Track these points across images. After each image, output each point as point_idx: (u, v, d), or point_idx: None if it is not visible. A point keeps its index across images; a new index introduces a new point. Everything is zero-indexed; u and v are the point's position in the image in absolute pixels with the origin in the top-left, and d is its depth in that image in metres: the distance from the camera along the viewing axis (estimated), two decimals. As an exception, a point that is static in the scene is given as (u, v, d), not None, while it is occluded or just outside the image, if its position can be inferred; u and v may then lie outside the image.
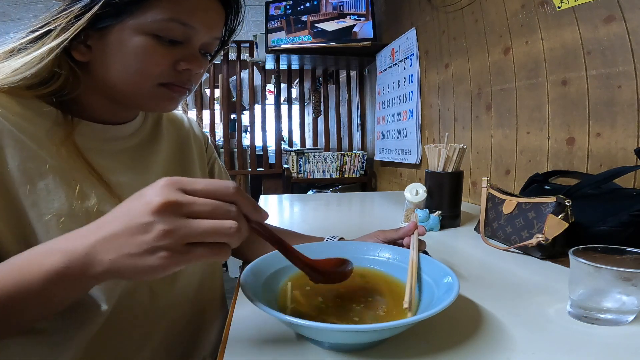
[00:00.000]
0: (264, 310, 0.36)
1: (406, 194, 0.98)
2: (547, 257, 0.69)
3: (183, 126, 0.68)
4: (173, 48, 0.48)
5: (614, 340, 0.41)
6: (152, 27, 0.45)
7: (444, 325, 0.44)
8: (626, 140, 0.83)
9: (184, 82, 0.51)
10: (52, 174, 0.44)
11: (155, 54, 0.46)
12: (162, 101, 0.51)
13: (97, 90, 0.50)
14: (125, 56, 0.46)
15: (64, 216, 0.43)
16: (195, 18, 0.47)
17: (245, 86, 3.00)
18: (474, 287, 0.56)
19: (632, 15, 0.79)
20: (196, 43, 0.50)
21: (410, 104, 1.86)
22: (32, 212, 0.42)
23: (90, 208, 0.45)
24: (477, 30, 1.34)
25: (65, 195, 0.44)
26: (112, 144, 0.53)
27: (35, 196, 0.43)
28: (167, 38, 0.47)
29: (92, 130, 0.51)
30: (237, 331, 0.44)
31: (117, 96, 0.50)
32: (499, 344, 0.40)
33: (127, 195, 0.50)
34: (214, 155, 0.74)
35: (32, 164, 0.43)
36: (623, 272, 0.41)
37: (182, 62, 0.49)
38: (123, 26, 0.45)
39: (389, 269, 0.53)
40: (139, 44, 0.45)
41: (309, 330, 0.38)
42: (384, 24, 2.32)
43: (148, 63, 0.47)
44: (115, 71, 0.47)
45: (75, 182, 0.45)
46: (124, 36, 0.45)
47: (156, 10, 0.45)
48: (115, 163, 0.52)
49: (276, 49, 2.35)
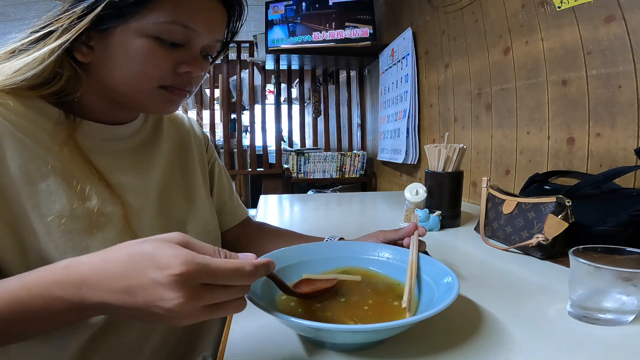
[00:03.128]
0: (265, 310, 0.36)
1: (406, 194, 0.98)
2: (547, 257, 0.69)
3: (183, 126, 0.68)
4: (174, 50, 0.48)
5: (614, 340, 0.41)
6: (154, 29, 0.45)
7: (444, 325, 0.44)
8: (626, 140, 0.83)
9: (184, 84, 0.51)
10: (53, 175, 0.44)
11: (156, 57, 0.46)
12: (162, 103, 0.51)
13: (99, 91, 0.50)
14: (127, 58, 0.46)
15: (65, 217, 0.43)
16: (197, 21, 0.47)
17: (245, 86, 3.00)
18: (474, 287, 0.56)
19: (632, 15, 0.79)
20: (197, 45, 0.50)
21: (404, 103, 1.86)
22: (34, 213, 0.42)
23: (92, 209, 0.45)
24: (477, 30, 1.34)
25: (67, 195, 0.44)
26: (113, 143, 0.53)
27: (37, 197, 0.42)
28: (168, 40, 0.47)
29: (94, 130, 0.51)
30: (237, 331, 0.44)
31: (118, 97, 0.50)
32: (499, 344, 0.40)
33: (128, 194, 0.51)
34: (214, 155, 0.74)
35: (34, 165, 0.43)
36: (623, 272, 0.41)
37: (183, 64, 0.49)
38: (125, 28, 0.45)
39: (388, 269, 0.53)
40: (140, 46, 0.46)
41: (310, 330, 0.38)
42: (384, 24, 2.32)
43: (149, 65, 0.47)
44: (116, 73, 0.47)
45: (77, 183, 0.45)
46: (126, 38, 0.45)
47: (158, 13, 0.45)
48: (116, 163, 0.52)
49: (276, 49, 2.35)
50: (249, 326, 0.45)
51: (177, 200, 0.59)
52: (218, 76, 2.94)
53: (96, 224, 0.45)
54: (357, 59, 2.50)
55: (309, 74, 3.01)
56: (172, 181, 0.60)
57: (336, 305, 0.45)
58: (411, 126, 1.81)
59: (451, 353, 0.38)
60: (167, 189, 0.58)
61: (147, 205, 0.53)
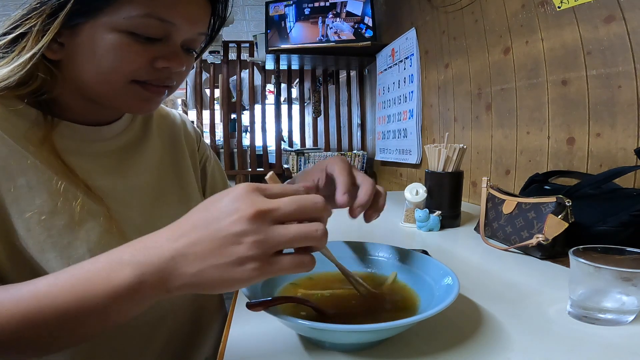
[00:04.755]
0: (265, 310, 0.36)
1: (406, 194, 0.98)
2: (547, 257, 0.69)
3: (175, 124, 0.66)
4: (150, 45, 0.44)
5: (614, 340, 0.41)
6: (126, 24, 0.42)
7: (444, 325, 0.44)
8: (626, 140, 0.83)
9: (162, 80, 0.47)
10: (33, 171, 0.42)
11: (129, 52, 0.43)
12: (137, 101, 0.48)
13: (73, 89, 0.47)
14: (98, 54, 0.43)
15: (45, 214, 0.42)
16: (175, 13, 0.44)
17: (245, 86, 3.00)
18: (474, 287, 0.56)
19: (632, 15, 0.79)
20: (177, 40, 0.46)
21: (410, 104, 1.86)
22: (12, 208, 0.41)
23: (74, 206, 0.44)
24: (477, 30, 1.34)
25: (47, 192, 0.43)
26: (92, 145, 0.50)
27: (17, 193, 0.41)
28: (143, 35, 0.43)
29: (72, 131, 0.49)
30: (237, 331, 0.44)
31: (92, 95, 0.47)
32: (498, 344, 0.40)
33: (108, 199, 0.49)
34: (206, 152, 0.71)
35: (13, 160, 0.42)
36: (623, 272, 0.41)
37: (160, 59, 0.45)
38: (95, 23, 0.42)
39: (388, 269, 0.53)
40: (112, 42, 0.42)
41: (310, 331, 0.38)
42: (384, 24, 2.32)
43: (122, 61, 0.43)
44: (88, 70, 0.44)
45: (57, 181, 0.44)
46: (96, 34, 0.42)
47: (130, 7, 0.41)
48: (95, 166, 0.49)
49: (276, 49, 2.35)
50: (248, 326, 0.45)
51: (171, 200, 0.58)
52: (218, 76, 2.93)
53: (79, 222, 0.44)
54: (357, 59, 2.50)
55: (309, 74, 3.01)
56: (164, 181, 0.58)
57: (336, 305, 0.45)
58: (417, 126, 1.81)
59: (451, 353, 0.38)
60: (160, 190, 0.56)
61: (131, 208, 0.51)
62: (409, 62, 1.86)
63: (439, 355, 0.38)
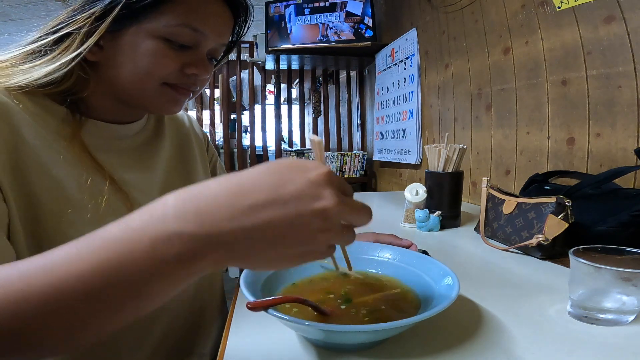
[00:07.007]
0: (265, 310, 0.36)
1: (406, 194, 0.98)
2: (547, 257, 0.69)
3: (184, 124, 0.69)
4: (182, 52, 0.49)
5: (614, 340, 0.41)
6: (165, 31, 0.46)
7: (444, 325, 0.44)
8: (626, 140, 0.83)
9: (189, 85, 0.52)
10: (64, 165, 0.45)
11: (164, 57, 0.47)
12: (166, 102, 0.51)
13: (105, 90, 0.50)
14: (136, 58, 0.47)
15: (71, 207, 0.44)
16: (207, 25, 0.49)
17: (245, 86, 3.00)
18: (474, 287, 0.56)
19: (632, 15, 0.79)
20: (204, 49, 0.51)
21: (410, 104, 1.86)
22: (42, 201, 0.42)
23: (99, 202, 0.46)
24: (477, 30, 1.34)
25: (76, 186, 0.45)
26: (118, 142, 0.54)
27: (49, 186, 0.43)
28: (177, 43, 0.48)
29: (99, 129, 0.52)
30: (237, 331, 0.44)
31: (124, 96, 0.51)
32: (499, 344, 0.40)
33: (133, 192, 0.51)
34: (215, 155, 0.75)
35: (47, 154, 0.44)
36: (623, 272, 0.41)
37: (190, 66, 0.50)
38: (138, 29, 0.46)
39: (388, 269, 0.53)
40: (150, 47, 0.46)
41: (310, 331, 0.38)
42: (384, 24, 2.32)
43: (157, 65, 0.47)
44: (124, 72, 0.48)
45: (86, 176, 0.46)
46: (137, 39, 0.46)
47: (170, 15, 0.46)
48: (121, 160, 0.53)
49: (276, 49, 2.35)
50: (248, 326, 0.45)
51: None
52: (218, 76, 2.93)
53: (103, 217, 0.45)
54: (357, 59, 2.50)
55: (309, 74, 3.01)
56: (174, 180, 0.60)
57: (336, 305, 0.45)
58: (417, 126, 1.81)
59: (451, 353, 0.38)
60: (171, 189, 0.58)
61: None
62: (410, 62, 1.86)
63: (439, 355, 0.38)
